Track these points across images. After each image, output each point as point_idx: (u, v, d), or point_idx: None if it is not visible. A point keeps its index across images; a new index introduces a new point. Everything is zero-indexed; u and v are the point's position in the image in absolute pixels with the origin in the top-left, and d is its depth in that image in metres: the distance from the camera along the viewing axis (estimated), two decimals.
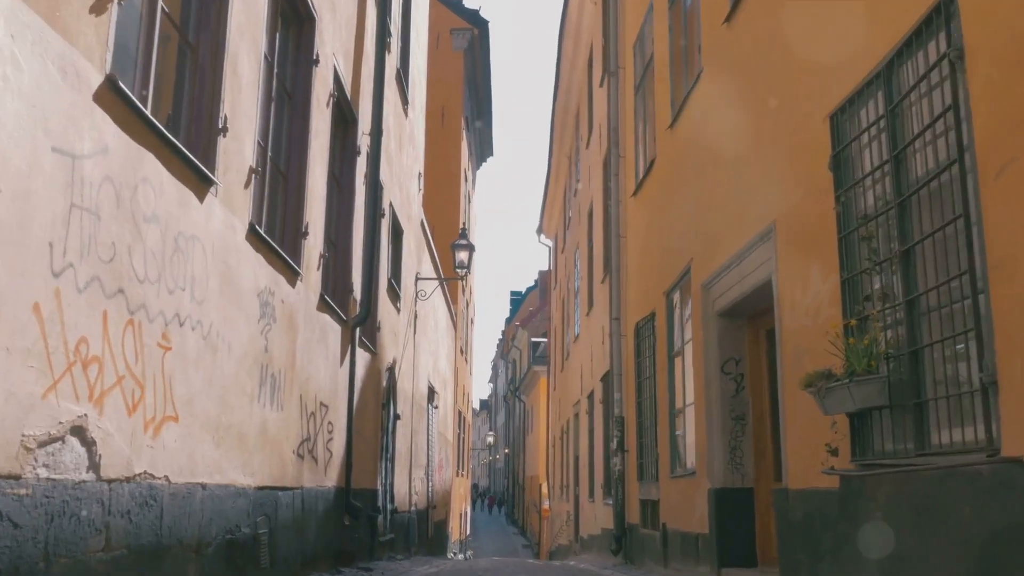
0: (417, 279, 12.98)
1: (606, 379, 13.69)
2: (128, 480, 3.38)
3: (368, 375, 8.81)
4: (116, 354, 3.26)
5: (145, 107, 3.53)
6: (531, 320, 46.40)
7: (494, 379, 74.72)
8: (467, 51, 24.45)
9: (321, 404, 6.65)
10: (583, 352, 17.51)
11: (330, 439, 6.97)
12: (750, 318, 7.02)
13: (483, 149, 31.48)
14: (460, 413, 25.00)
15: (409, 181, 12.05)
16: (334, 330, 7.12)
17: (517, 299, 63.61)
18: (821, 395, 4.25)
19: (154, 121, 3.56)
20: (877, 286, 4.20)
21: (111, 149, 3.22)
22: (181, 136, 4.11)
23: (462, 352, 24.61)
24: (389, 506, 10.42)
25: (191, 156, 3.92)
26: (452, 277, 14.48)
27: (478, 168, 32.24)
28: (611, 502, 12.23)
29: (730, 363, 7.03)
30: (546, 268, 46.38)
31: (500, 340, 68.93)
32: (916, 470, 3.73)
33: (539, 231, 30.11)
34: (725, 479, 6.83)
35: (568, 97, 20.72)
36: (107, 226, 3.19)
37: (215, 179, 4.26)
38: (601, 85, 14.95)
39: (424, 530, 14.64)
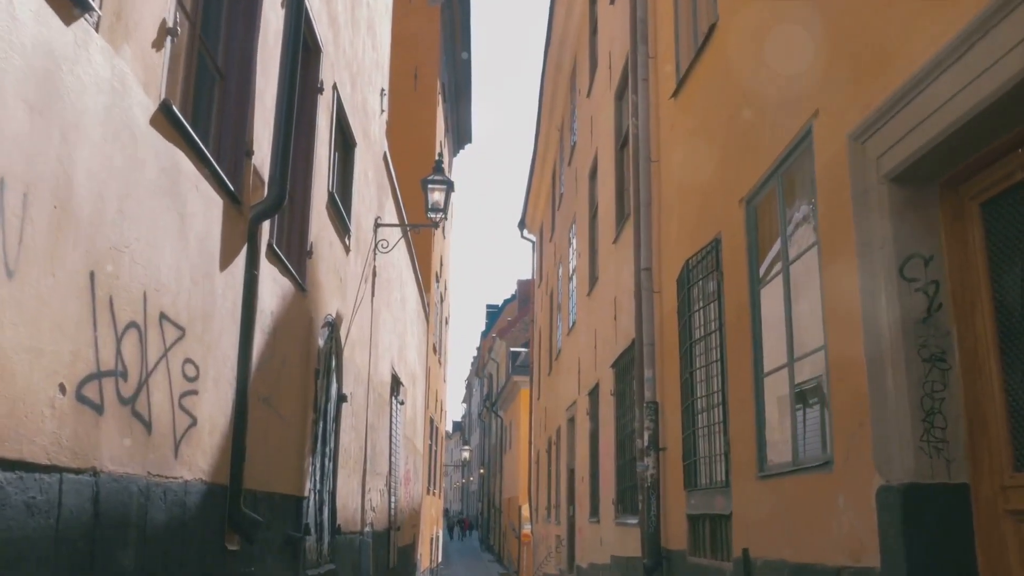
0: (377, 225, 9.83)
1: (622, 361, 10.61)
2: None
3: (288, 317, 5.64)
4: None
5: None
6: (510, 330, 43.21)
7: (468, 399, 71.49)
8: (445, 7, 21.45)
9: (165, 319, 3.47)
10: (582, 341, 14.45)
11: (190, 393, 3.78)
12: (946, 184, 3.96)
13: (460, 132, 28.37)
14: (432, 421, 21.74)
15: (366, 87, 8.94)
16: (206, 197, 3.95)
17: (494, 312, 60.43)
18: None
19: None
20: None
21: None
22: None
23: (435, 351, 21.40)
24: (327, 523, 7.19)
25: None
26: (423, 224, 11.29)
27: (455, 155, 29.13)
28: (635, 521, 9.09)
29: (914, 264, 3.95)
30: (525, 277, 43.29)
31: (475, 357, 65.71)
32: None
33: (521, 225, 27.10)
34: (917, 469, 3.72)
35: (562, 50, 17.80)
36: None
37: None
38: (612, 1, 12.07)
39: (384, 557, 11.37)
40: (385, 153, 10.59)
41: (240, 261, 4.49)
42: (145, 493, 3.25)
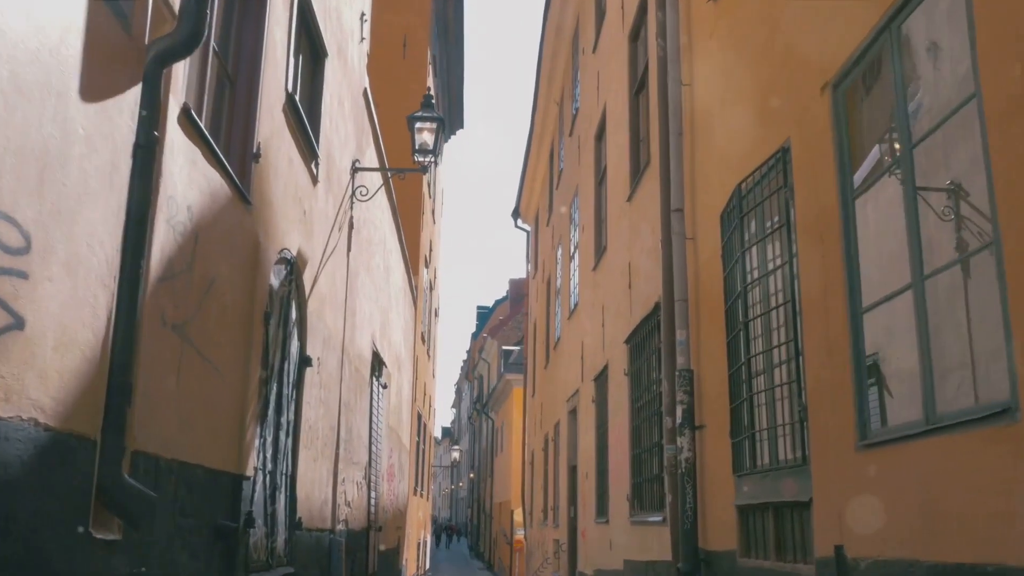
0: (355, 169, 8.34)
1: (638, 334, 9.15)
2: None
3: (220, 226, 4.14)
4: None
5: None
6: (502, 328, 41.73)
7: (457, 404, 69.87)
8: None
9: None
10: (586, 322, 13.01)
11: (8, 272, 2.28)
12: None
13: (452, 114, 26.85)
14: (420, 417, 20.20)
15: None
16: None
17: (485, 312, 58.92)
18: None
19: None
20: None
21: None
22: None
23: (423, 341, 19.89)
24: (284, 515, 5.67)
25: None
26: (410, 168, 9.79)
27: (446, 140, 27.61)
28: (658, 518, 7.62)
29: None
30: (517, 276, 41.68)
31: (464, 361, 64.11)
32: None
33: (515, 214, 25.65)
34: None
35: (563, 10, 16.41)
36: None
37: None
38: None
39: (361, 561, 9.84)
40: (366, 90, 9.11)
41: (127, 105, 2.99)
42: None
